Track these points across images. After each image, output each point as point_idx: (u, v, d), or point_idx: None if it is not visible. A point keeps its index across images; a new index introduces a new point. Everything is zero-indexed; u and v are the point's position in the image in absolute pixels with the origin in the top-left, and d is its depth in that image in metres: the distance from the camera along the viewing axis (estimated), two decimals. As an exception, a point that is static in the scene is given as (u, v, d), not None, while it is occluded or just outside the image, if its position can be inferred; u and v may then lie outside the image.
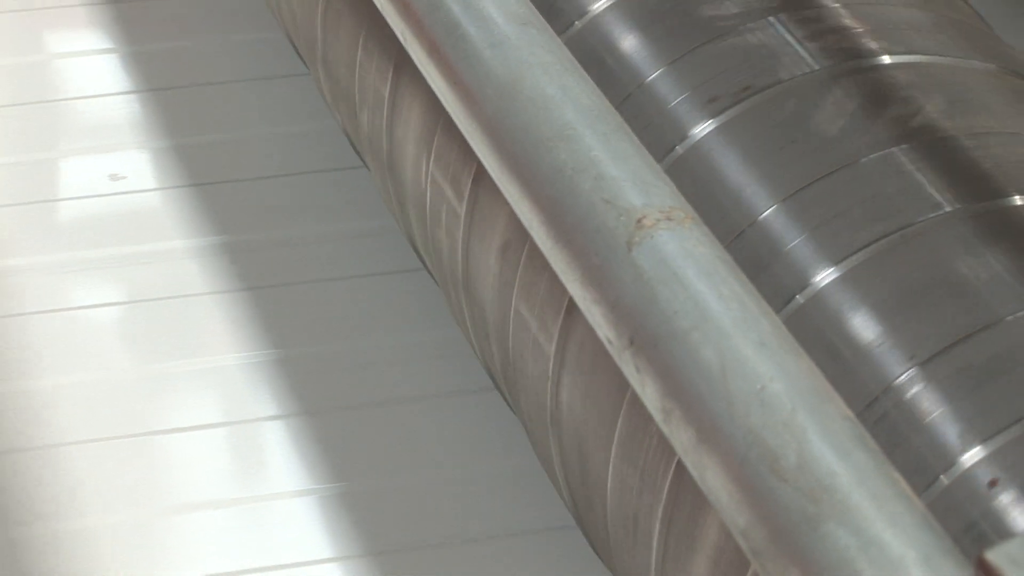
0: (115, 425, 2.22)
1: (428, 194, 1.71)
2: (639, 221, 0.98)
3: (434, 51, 1.14)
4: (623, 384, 1.15)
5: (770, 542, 0.89)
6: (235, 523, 2.19)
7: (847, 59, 1.51)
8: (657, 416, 0.98)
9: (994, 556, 0.73)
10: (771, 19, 1.57)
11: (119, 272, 2.43)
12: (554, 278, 1.19)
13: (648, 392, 0.96)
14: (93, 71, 2.56)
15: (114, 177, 2.48)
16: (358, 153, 2.31)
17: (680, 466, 1.20)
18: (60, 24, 2.55)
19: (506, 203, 1.20)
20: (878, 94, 1.42)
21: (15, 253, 2.37)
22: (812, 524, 0.86)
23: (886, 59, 1.41)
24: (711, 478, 0.94)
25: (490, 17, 1.12)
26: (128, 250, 2.42)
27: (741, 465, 0.91)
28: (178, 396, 2.32)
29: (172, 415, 2.28)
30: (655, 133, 1.51)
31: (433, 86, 1.17)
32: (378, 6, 1.23)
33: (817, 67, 1.42)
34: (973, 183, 1.46)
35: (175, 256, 2.40)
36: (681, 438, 0.95)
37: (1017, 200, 1.39)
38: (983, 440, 1.22)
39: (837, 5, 1.58)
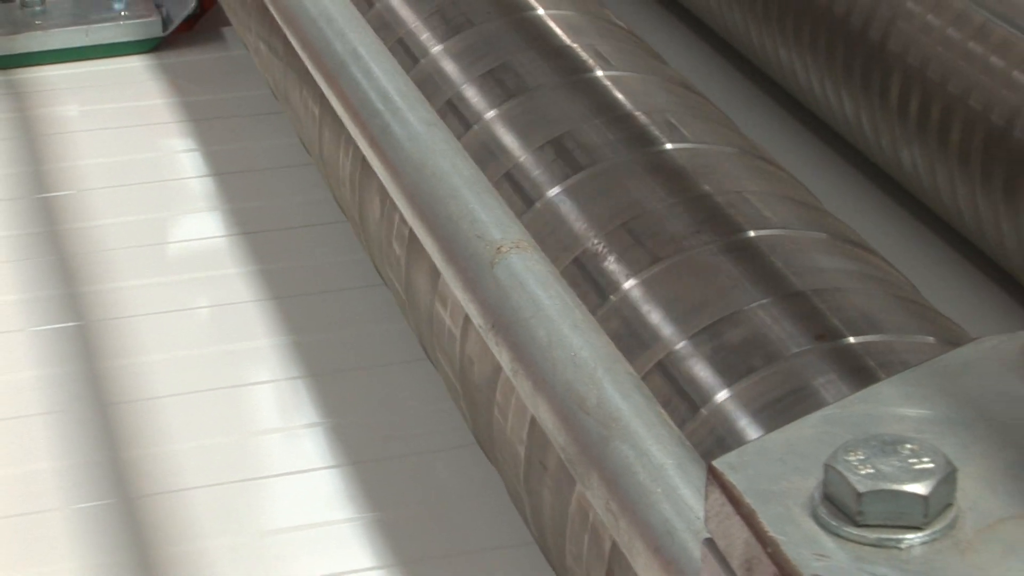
0: None
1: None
2: (498, 249, 1.02)
3: (373, 143, 1.16)
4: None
5: (578, 454, 0.92)
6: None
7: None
8: (509, 374, 1.03)
9: (718, 463, 0.71)
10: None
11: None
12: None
13: (503, 358, 1.01)
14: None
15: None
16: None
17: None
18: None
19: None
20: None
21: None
22: (604, 442, 0.89)
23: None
24: (542, 414, 0.98)
25: (408, 120, 1.15)
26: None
27: (560, 405, 0.95)
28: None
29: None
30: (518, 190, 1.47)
31: (374, 167, 1.20)
32: (338, 113, 1.26)
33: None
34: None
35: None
36: (523, 387, 1.00)
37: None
38: (731, 384, 1.24)
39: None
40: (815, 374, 1.22)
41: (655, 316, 1.32)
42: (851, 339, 1.25)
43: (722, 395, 1.23)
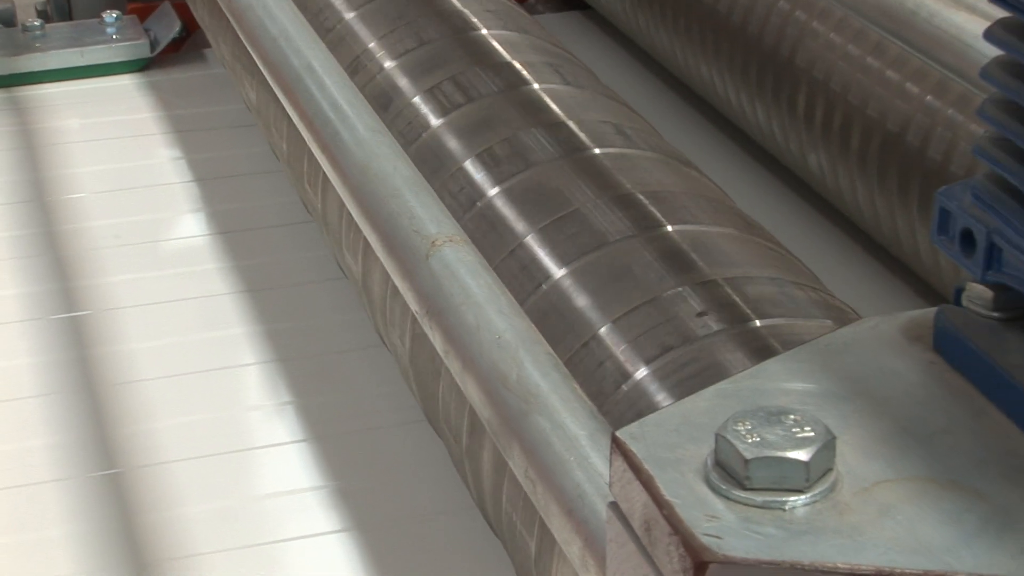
0: None
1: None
2: (433, 243, 1.01)
3: (324, 148, 1.15)
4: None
5: (501, 426, 0.91)
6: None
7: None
8: (441, 355, 1.02)
9: (621, 433, 0.71)
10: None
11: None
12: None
13: (436, 341, 0.99)
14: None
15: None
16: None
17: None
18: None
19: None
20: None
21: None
22: (524, 415, 0.89)
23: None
24: (469, 390, 0.97)
25: (355, 127, 1.14)
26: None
27: (486, 381, 0.94)
28: None
29: None
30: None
31: (325, 170, 1.20)
32: (295, 121, 1.25)
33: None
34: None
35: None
36: (453, 366, 0.99)
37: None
38: (649, 362, 1.22)
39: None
40: (724, 352, 1.21)
41: (582, 301, 1.31)
42: (757, 322, 1.24)
43: (641, 372, 1.22)
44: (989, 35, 0.74)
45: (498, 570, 1.39)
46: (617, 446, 0.71)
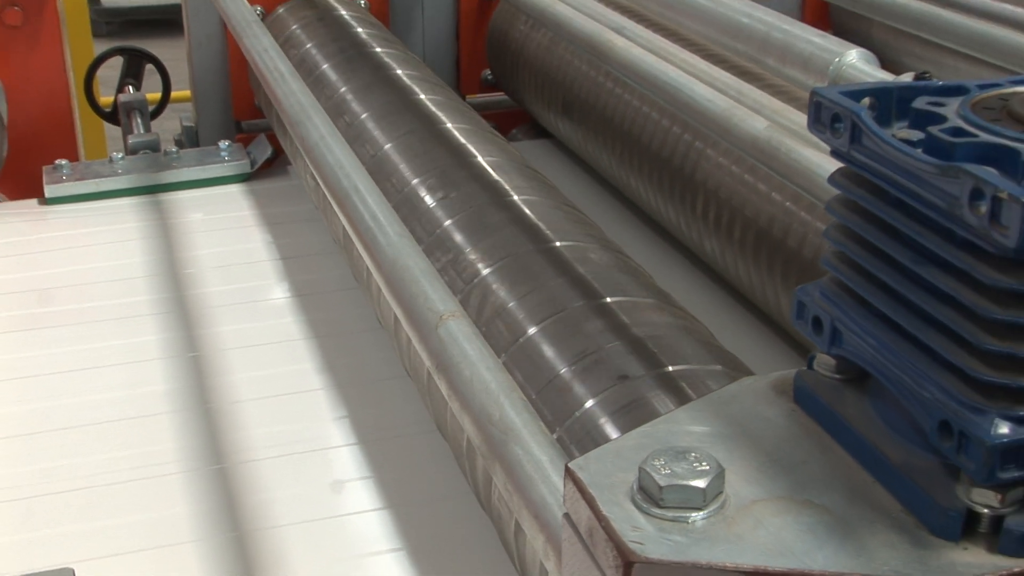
0: None
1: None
2: (441, 317, 0.98)
3: (365, 245, 1.14)
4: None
5: (487, 451, 0.88)
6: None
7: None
8: (445, 396, 0.97)
9: (572, 464, 0.69)
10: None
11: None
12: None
13: (442, 387, 0.95)
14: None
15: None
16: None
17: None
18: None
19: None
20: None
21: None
22: (504, 444, 0.86)
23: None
24: (465, 423, 0.93)
25: (387, 231, 1.12)
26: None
27: (476, 418, 0.90)
28: None
29: None
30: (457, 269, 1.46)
31: (365, 262, 1.18)
32: (344, 225, 1.23)
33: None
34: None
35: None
36: (453, 406, 0.95)
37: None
38: (595, 396, 1.20)
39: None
40: (648, 390, 1.20)
41: (548, 351, 1.30)
42: (669, 368, 1.22)
43: (590, 403, 1.20)
44: (831, 180, 0.73)
45: (492, 538, 1.34)
46: (569, 474, 0.70)
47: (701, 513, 0.66)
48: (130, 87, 2.94)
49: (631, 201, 2.19)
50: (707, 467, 0.67)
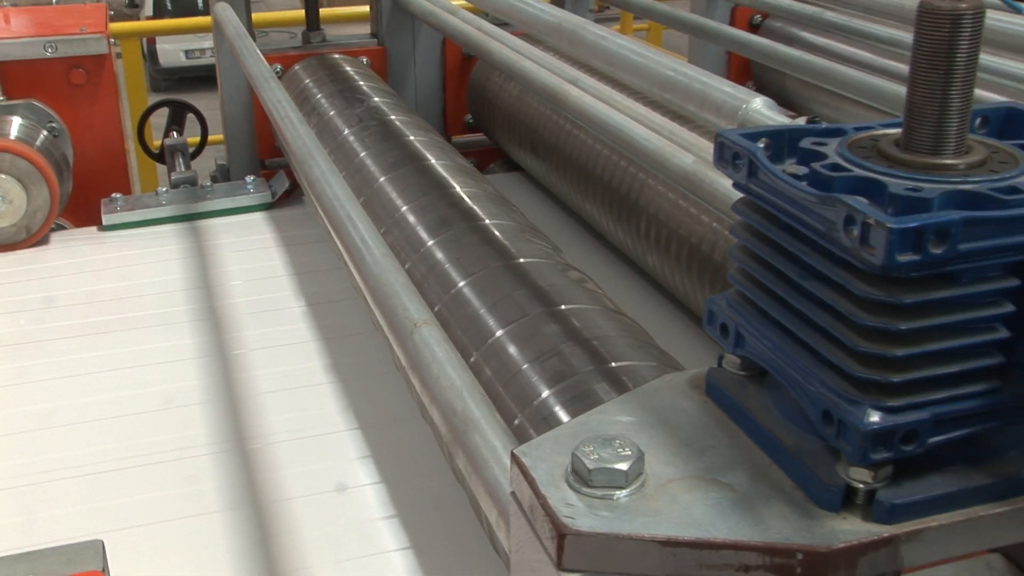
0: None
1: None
2: (415, 324, 0.94)
3: (355, 264, 1.11)
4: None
5: (451, 438, 0.85)
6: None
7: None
8: (418, 392, 0.93)
9: (517, 450, 0.67)
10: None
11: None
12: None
13: (415, 383, 0.91)
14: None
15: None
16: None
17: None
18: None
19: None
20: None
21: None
22: (464, 432, 0.82)
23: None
24: (433, 416, 0.88)
25: (373, 252, 1.10)
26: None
27: (442, 411, 0.86)
28: None
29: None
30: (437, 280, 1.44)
31: (354, 276, 1.15)
32: (339, 247, 1.21)
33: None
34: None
35: None
36: (424, 400, 0.87)
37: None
38: (550, 387, 1.18)
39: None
40: (595, 382, 1.18)
41: (512, 349, 1.28)
42: (613, 364, 1.20)
43: (546, 393, 1.18)
44: (734, 207, 0.71)
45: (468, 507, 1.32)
46: (514, 459, 0.68)
47: (624, 491, 0.63)
48: (174, 132, 2.93)
49: (587, 223, 2.17)
50: (629, 452, 0.65)
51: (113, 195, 2.44)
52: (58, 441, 1.62)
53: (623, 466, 0.64)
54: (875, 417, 0.58)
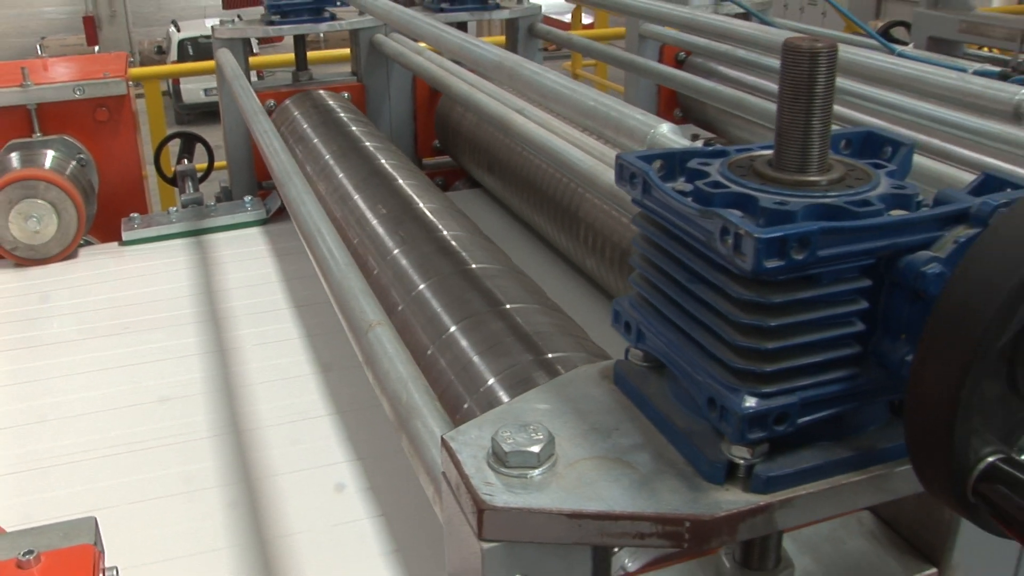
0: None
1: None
2: (371, 324, 0.92)
3: (322, 271, 1.07)
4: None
5: (398, 424, 0.80)
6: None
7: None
8: (372, 384, 0.88)
9: (446, 436, 0.65)
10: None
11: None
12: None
13: (369, 375, 0.88)
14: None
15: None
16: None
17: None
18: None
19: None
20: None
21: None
22: (408, 419, 0.79)
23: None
24: (384, 404, 0.85)
25: (338, 261, 1.07)
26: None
27: (391, 400, 0.82)
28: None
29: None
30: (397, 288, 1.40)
31: (321, 280, 1.12)
32: (309, 256, 1.18)
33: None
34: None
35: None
36: (376, 391, 0.85)
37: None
38: (497, 375, 1.15)
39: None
40: (532, 370, 1.16)
41: (464, 343, 1.25)
42: (549, 355, 1.18)
43: (491, 380, 1.16)
44: (633, 220, 0.69)
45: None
46: (444, 443, 0.66)
47: (537, 471, 0.61)
48: (185, 160, 2.89)
49: (535, 231, 2.14)
50: (542, 436, 0.63)
51: (131, 214, 2.42)
52: (85, 426, 1.60)
53: (535, 448, 0.62)
54: (751, 402, 0.57)
